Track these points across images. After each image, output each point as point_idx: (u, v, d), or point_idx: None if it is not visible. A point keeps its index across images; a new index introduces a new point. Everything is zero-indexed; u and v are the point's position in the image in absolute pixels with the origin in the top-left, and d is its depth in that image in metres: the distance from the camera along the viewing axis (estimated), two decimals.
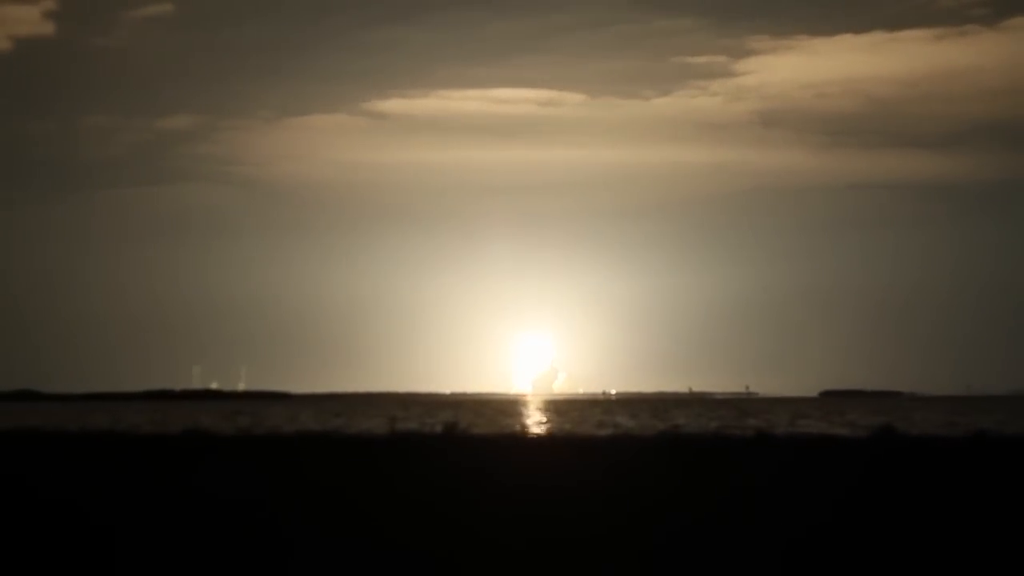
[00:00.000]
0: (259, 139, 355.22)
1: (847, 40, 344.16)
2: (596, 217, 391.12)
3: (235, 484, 20.09)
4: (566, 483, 19.98)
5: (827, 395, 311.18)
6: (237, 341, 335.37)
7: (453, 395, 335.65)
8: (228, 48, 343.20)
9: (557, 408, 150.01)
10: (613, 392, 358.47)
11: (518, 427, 67.42)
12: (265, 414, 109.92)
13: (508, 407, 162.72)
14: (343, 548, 14.78)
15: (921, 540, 15.03)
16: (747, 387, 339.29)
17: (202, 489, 19.35)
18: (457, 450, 25.98)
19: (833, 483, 19.86)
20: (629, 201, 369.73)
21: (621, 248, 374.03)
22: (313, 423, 70.13)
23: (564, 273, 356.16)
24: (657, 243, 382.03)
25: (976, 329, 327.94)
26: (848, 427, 60.34)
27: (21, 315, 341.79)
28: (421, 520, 16.31)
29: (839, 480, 20.36)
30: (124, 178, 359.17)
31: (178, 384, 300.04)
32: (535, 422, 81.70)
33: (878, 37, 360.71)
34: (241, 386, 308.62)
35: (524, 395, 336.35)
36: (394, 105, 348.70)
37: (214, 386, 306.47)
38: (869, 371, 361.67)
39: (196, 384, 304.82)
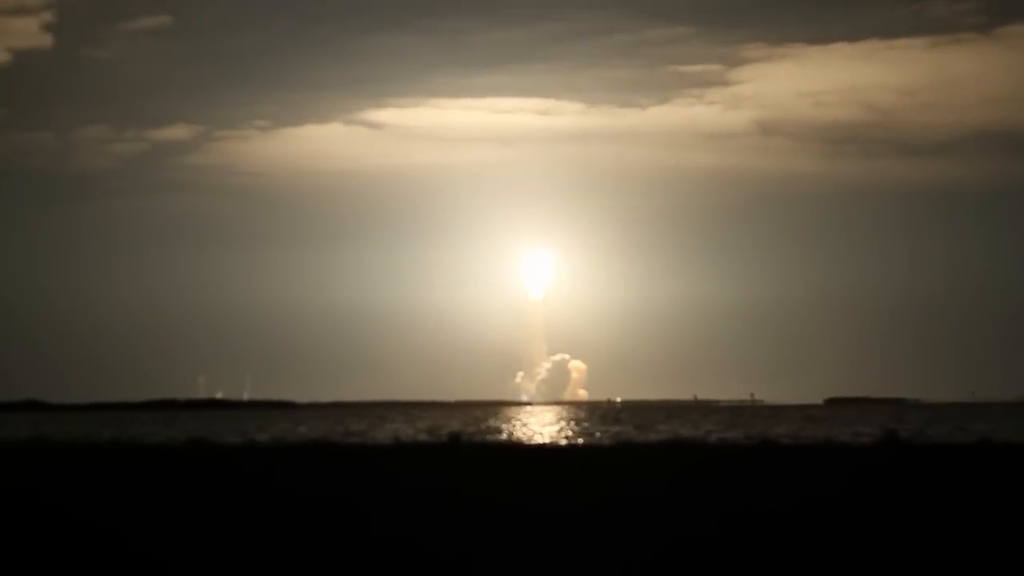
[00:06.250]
0: (255, 149, 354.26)
1: (843, 48, 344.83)
2: (597, 225, 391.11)
3: (243, 492, 20.14)
4: (572, 491, 20.01)
5: (832, 402, 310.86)
6: (242, 351, 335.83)
7: (458, 403, 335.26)
8: (223, 59, 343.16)
9: (562, 416, 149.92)
10: (619, 400, 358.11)
11: (521, 436, 67.44)
12: (270, 423, 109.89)
13: (512, 415, 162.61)
14: (344, 554, 14.82)
15: (926, 544, 15.07)
16: (752, 394, 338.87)
17: (210, 496, 19.40)
18: (462, 459, 26.02)
19: (839, 488, 19.89)
20: (629, 210, 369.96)
21: (624, 256, 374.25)
22: (319, 432, 70.12)
23: (566, 281, 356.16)
24: (660, 251, 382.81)
25: (980, 336, 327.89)
26: (854, 434, 60.34)
27: (25, 325, 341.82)
28: (427, 527, 16.35)
29: (845, 485, 20.39)
30: (121, 189, 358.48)
31: (183, 394, 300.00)
32: (539, 431, 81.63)
33: (874, 45, 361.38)
34: (246, 395, 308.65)
35: (529, 403, 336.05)
36: (389, 114, 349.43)
37: (219, 396, 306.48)
38: (874, 378, 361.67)
39: (202, 394, 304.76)
